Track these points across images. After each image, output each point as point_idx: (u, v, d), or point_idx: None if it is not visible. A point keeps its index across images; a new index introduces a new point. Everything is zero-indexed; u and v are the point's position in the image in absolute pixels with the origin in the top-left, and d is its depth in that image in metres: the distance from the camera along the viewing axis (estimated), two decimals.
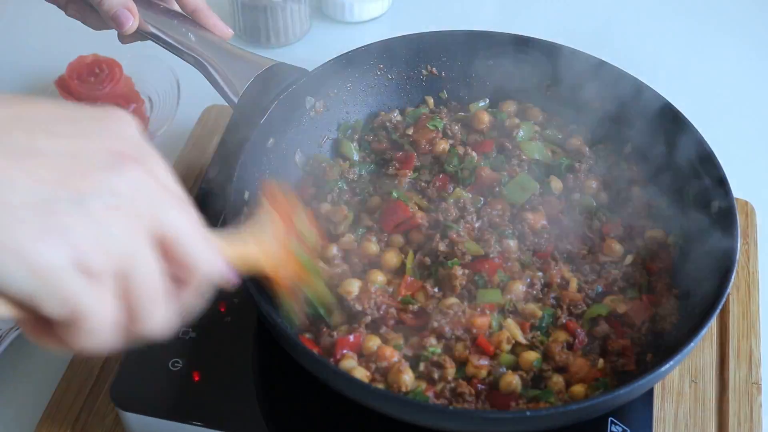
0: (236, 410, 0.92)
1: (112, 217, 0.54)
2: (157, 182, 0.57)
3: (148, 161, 0.57)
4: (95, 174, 0.54)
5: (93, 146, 0.55)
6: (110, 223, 0.54)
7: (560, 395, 0.88)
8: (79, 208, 0.53)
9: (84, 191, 0.53)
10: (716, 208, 0.96)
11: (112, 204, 0.54)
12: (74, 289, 0.53)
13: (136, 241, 0.55)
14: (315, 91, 1.09)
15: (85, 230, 0.53)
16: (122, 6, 1.00)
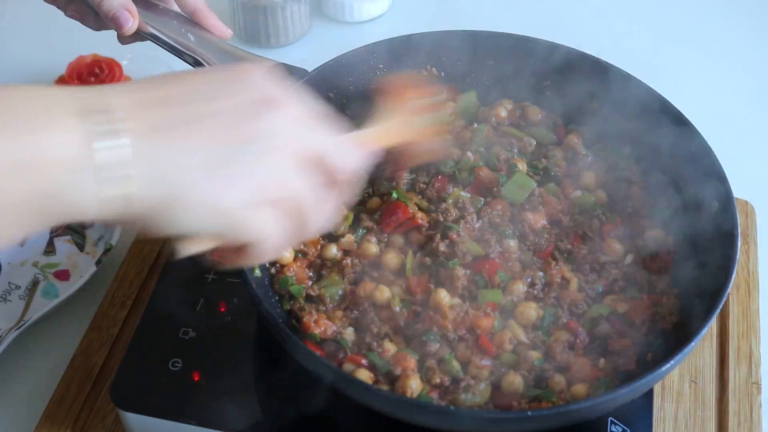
0: (236, 410, 0.92)
1: (272, 153, 0.63)
2: (296, 113, 0.66)
3: (284, 99, 0.66)
4: (248, 124, 0.63)
5: (239, 101, 0.64)
6: (272, 159, 0.63)
7: (562, 395, 0.88)
8: (244, 155, 0.62)
9: (244, 140, 0.63)
10: (716, 208, 0.96)
11: (269, 143, 0.63)
12: (257, 219, 0.64)
13: (295, 167, 0.65)
14: (315, 91, 1.08)
15: (255, 170, 0.63)
16: (122, 7, 1.00)
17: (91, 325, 1.06)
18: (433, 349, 0.90)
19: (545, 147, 1.10)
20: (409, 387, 0.86)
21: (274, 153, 0.64)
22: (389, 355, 0.89)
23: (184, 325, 0.98)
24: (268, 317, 0.84)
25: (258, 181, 0.63)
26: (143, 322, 0.99)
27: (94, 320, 1.06)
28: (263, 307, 0.85)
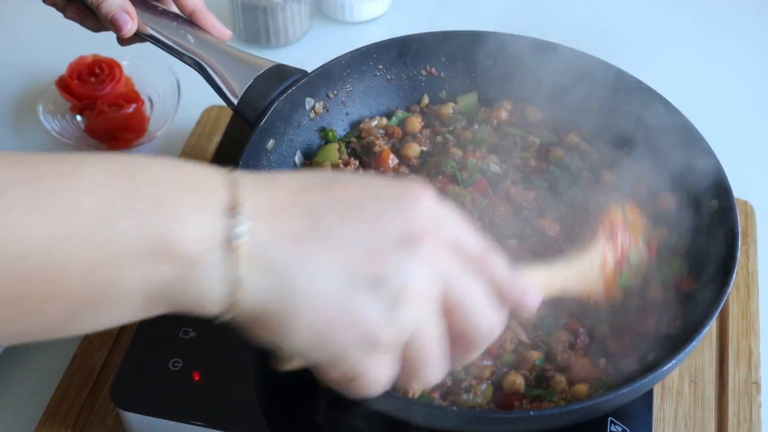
0: (236, 410, 0.92)
1: (402, 298, 0.56)
2: (450, 252, 0.59)
3: (442, 232, 0.59)
4: (389, 257, 0.57)
5: (389, 228, 0.57)
6: (401, 305, 0.56)
7: (563, 395, 0.88)
8: (371, 292, 0.56)
9: (375, 275, 0.56)
10: (716, 208, 0.96)
11: (403, 286, 0.56)
12: (358, 362, 0.58)
13: (424, 315, 0.58)
14: (314, 92, 1.09)
15: (376, 313, 0.56)
16: (120, 9, 1.00)
17: None
18: None
19: (546, 147, 1.10)
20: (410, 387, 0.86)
21: (406, 296, 0.57)
22: None
23: (184, 325, 0.98)
24: None
25: (377, 323, 0.56)
26: (143, 322, 0.99)
27: None
28: None
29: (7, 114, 1.35)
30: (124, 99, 1.28)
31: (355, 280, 0.56)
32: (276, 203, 0.57)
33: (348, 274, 0.56)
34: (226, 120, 1.24)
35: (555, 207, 1.03)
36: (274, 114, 1.02)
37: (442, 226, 0.60)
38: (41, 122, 1.28)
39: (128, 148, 1.28)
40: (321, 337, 0.56)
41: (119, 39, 1.04)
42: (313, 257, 0.55)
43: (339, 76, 1.11)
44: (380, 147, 1.09)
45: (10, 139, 1.31)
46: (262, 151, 1.02)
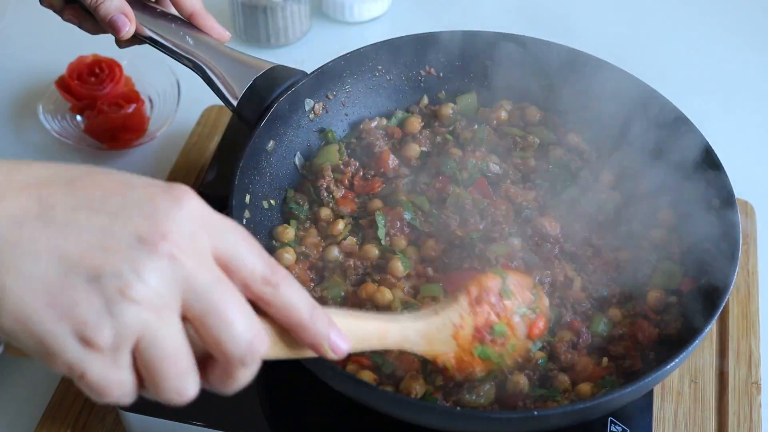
0: (237, 410, 0.92)
1: (124, 298, 0.54)
2: (202, 261, 0.56)
3: (195, 239, 0.56)
4: (120, 253, 0.54)
5: (130, 226, 0.55)
6: (121, 305, 0.54)
7: (566, 394, 0.88)
8: (91, 285, 0.54)
9: (102, 269, 0.54)
10: (717, 209, 0.96)
11: (126, 285, 0.54)
12: (74, 357, 0.54)
13: (154, 321, 0.55)
14: (314, 93, 1.09)
15: (92, 309, 0.53)
16: (118, 11, 0.99)
17: None
18: None
19: (546, 147, 1.10)
20: (413, 388, 0.86)
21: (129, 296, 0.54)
22: (393, 356, 0.89)
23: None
24: None
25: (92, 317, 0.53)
26: None
27: None
28: None
29: (7, 114, 1.35)
30: (124, 99, 1.28)
31: (74, 271, 0.54)
32: (5, 187, 0.55)
33: (68, 264, 0.54)
34: (226, 120, 1.24)
35: (555, 206, 1.03)
36: (274, 115, 1.02)
37: (202, 235, 0.57)
38: (41, 122, 1.28)
39: (128, 148, 1.28)
40: (28, 321, 0.54)
41: (117, 41, 1.04)
42: (30, 240, 0.54)
43: (338, 76, 1.11)
44: (380, 148, 1.09)
45: (10, 139, 1.32)
46: (262, 153, 1.02)
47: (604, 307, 0.96)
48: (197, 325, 0.57)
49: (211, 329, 0.57)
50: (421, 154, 1.10)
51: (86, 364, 0.54)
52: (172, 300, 0.55)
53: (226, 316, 0.56)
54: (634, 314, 0.95)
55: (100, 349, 0.54)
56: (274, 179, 1.04)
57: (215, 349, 0.57)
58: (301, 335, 0.62)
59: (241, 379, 0.59)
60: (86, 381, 0.55)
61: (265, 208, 1.02)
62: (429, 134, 1.12)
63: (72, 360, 0.54)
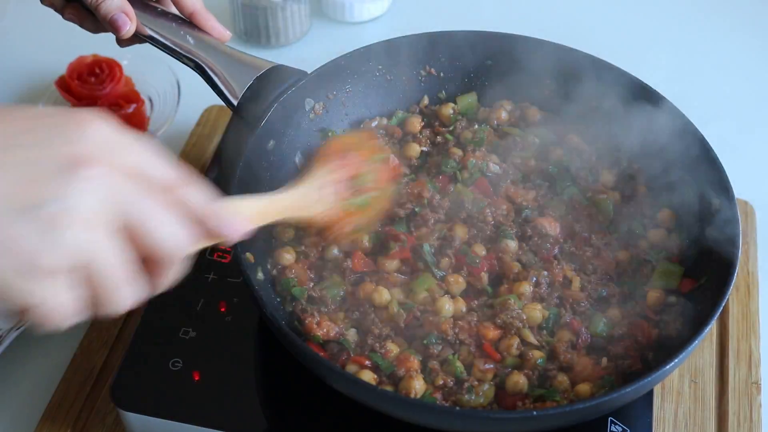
0: (236, 410, 0.92)
1: (60, 222, 0.56)
2: (124, 176, 0.59)
3: (115, 158, 0.59)
4: (46, 182, 0.56)
5: (49, 154, 0.57)
6: (59, 229, 0.56)
7: (566, 394, 0.88)
8: (26, 217, 0.55)
9: (32, 200, 0.56)
10: (717, 209, 0.96)
11: (62, 211, 0.56)
12: (23, 289, 0.56)
13: (94, 239, 0.57)
14: (314, 93, 1.09)
15: (33, 239, 0.55)
16: (119, 10, 0.99)
17: (91, 325, 1.06)
18: (435, 351, 0.90)
19: (546, 147, 1.10)
20: (412, 388, 0.86)
21: (65, 219, 0.56)
22: (392, 356, 0.89)
23: (184, 325, 0.98)
24: (272, 320, 0.84)
25: (32, 247, 0.56)
26: (143, 322, 0.99)
27: (94, 320, 1.06)
28: (267, 311, 0.85)
29: None
30: (124, 99, 1.28)
31: (9, 207, 0.55)
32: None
33: (2, 202, 0.55)
34: (226, 119, 1.24)
35: (555, 206, 1.03)
36: (274, 115, 1.02)
37: (116, 152, 0.59)
38: None
39: None
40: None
41: (118, 40, 1.04)
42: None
43: (338, 76, 1.11)
44: None
45: None
46: (263, 152, 1.02)
47: (604, 307, 0.96)
48: (130, 235, 0.60)
49: (142, 237, 0.60)
50: (421, 153, 1.10)
51: (33, 294, 0.57)
52: (104, 217, 0.58)
53: (154, 223, 0.60)
54: (634, 314, 0.95)
55: (44, 276, 0.56)
56: (274, 179, 1.04)
57: (150, 253, 0.61)
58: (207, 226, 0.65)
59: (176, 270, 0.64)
60: (35, 309, 0.57)
61: None
62: (429, 134, 1.12)
63: (19, 292, 0.56)
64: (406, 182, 1.06)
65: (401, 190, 1.04)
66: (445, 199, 1.03)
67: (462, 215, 1.02)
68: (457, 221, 1.01)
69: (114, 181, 0.58)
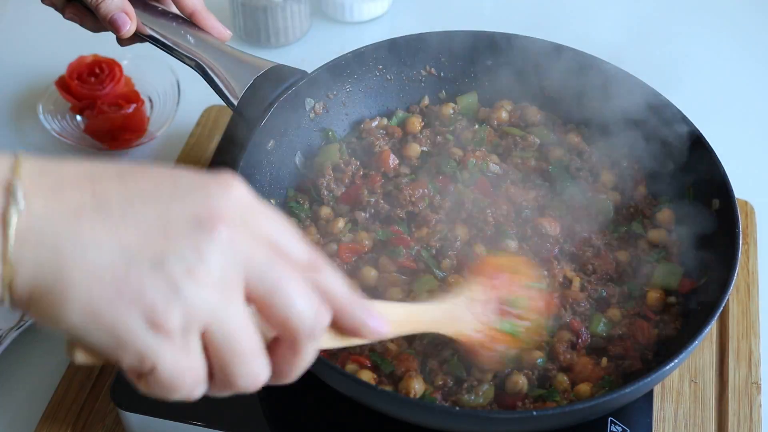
0: (237, 410, 0.92)
1: (189, 279, 0.54)
2: (258, 243, 0.57)
3: (251, 224, 0.57)
4: (180, 237, 0.55)
5: (185, 210, 0.55)
6: (187, 287, 0.54)
7: (566, 394, 0.88)
8: (156, 270, 0.54)
9: (164, 254, 0.54)
10: (717, 209, 0.96)
11: (190, 268, 0.54)
12: (145, 344, 0.54)
13: (220, 302, 0.55)
14: (314, 92, 1.09)
15: (159, 293, 0.54)
16: (119, 9, 1.00)
17: None
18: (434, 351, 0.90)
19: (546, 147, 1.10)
20: (412, 387, 0.86)
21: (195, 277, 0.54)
22: (392, 356, 0.89)
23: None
24: None
25: (161, 302, 0.53)
26: None
27: None
28: None
29: (7, 114, 1.35)
30: (124, 99, 1.28)
31: (137, 258, 0.54)
32: (59, 181, 0.55)
33: (130, 251, 0.54)
34: (226, 119, 1.24)
35: (555, 207, 1.03)
36: (275, 115, 1.02)
37: (253, 218, 0.57)
38: (41, 122, 1.28)
39: (128, 148, 1.28)
40: (98, 312, 0.53)
41: (119, 39, 1.05)
42: (90, 231, 0.53)
43: (339, 76, 1.11)
44: (380, 147, 1.09)
45: (10, 139, 1.31)
46: (263, 152, 1.02)
47: (604, 307, 0.96)
48: (262, 305, 0.57)
49: (276, 307, 0.57)
50: (422, 153, 1.10)
51: (157, 351, 0.54)
52: (236, 280, 0.56)
53: (290, 293, 0.57)
54: (634, 314, 0.95)
55: (170, 333, 0.54)
56: (274, 178, 1.04)
57: (282, 328, 0.58)
58: (344, 319, 0.62)
59: (308, 356, 0.60)
60: (158, 370, 0.54)
61: None
62: (429, 134, 1.12)
63: (144, 347, 0.54)
64: (406, 182, 1.06)
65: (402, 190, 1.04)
66: (446, 199, 1.03)
67: (462, 215, 1.02)
68: (458, 221, 1.01)
69: (249, 245, 0.56)
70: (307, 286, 0.58)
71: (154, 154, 1.29)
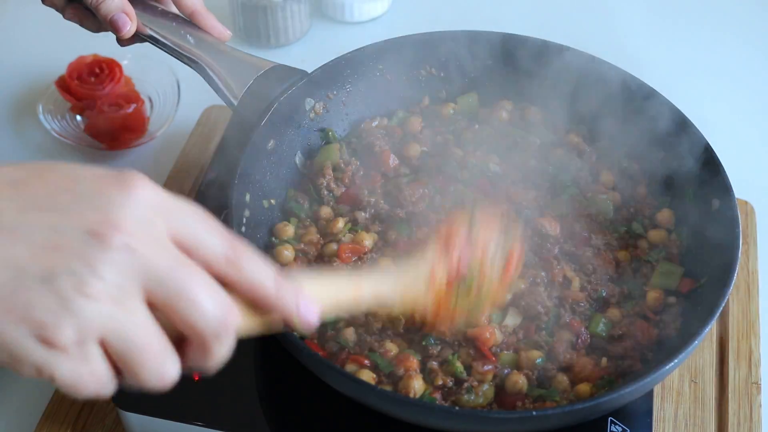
0: (237, 410, 0.92)
1: (81, 294, 0.53)
2: (155, 246, 0.56)
3: (148, 225, 0.56)
4: (72, 250, 0.54)
5: (80, 221, 0.54)
6: (78, 301, 0.53)
7: (565, 394, 0.88)
8: (45, 286, 0.53)
9: (55, 269, 0.53)
10: (717, 209, 0.96)
11: (82, 282, 0.53)
12: (39, 359, 0.54)
13: (117, 312, 0.54)
14: (314, 92, 1.09)
15: (49, 309, 0.53)
16: (120, 10, 1.00)
17: None
18: (434, 351, 0.90)
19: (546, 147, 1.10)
20: (411, 387, 0.86)
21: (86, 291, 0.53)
22: (392, 356, 0.89)
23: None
24: None
25: (50, 317, 0.53)
26: None
27: None
28: None
29: (7, 114, 1.35)
30: (124, 99, 1.28)
31: (26, 274, 0.53)
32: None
33: (20, 267, 0.53)
34: (227, 119, 1.24)
35: (555, 207, 1.03)
36: (275, 114, 1.02)
37: (157, 221, 0.56)
38: (41, 122, 1.28)
39: (128, 148, 1.28)
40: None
41: (119, 40, 1.05)
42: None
43: (339, 76, 1.11)
44: (380, 147, 1.09)
45: (10, 139, 1.32)
46: (263, 152, 1.02)
47: (604, 307, 0.96)
48: (166, 310, 0.56)
49: (179, 312, 0.56)
50: (422, 153, 1.10)
51: (53, 365, 0.54)
52: (132, 289, 0.55)
53: (193, 297, 0.56)
54: (634, 315, 0.95)
55: (63, 348, 0.54)
56: (274, 178, 1.04)
57: (188, 331, 0.57)
58: (269, 309, 0.62)
59: (219, 354, 0.59)
60: (58, 379, 0.54)
61: (266, 207, 1.02)
62: (430, 134, 1.12)
63: (38, 362, 0.54)
64: (406, 182, 1.06)
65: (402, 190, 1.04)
66: (446, 199, 1.03)
67: None
68: None
69: (149, 251, 0.55)
70: (213, 289, 0.58)
71: (154, 154, 1.29)
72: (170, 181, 1.21)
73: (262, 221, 1.01)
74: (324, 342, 0.92)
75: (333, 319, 0.92)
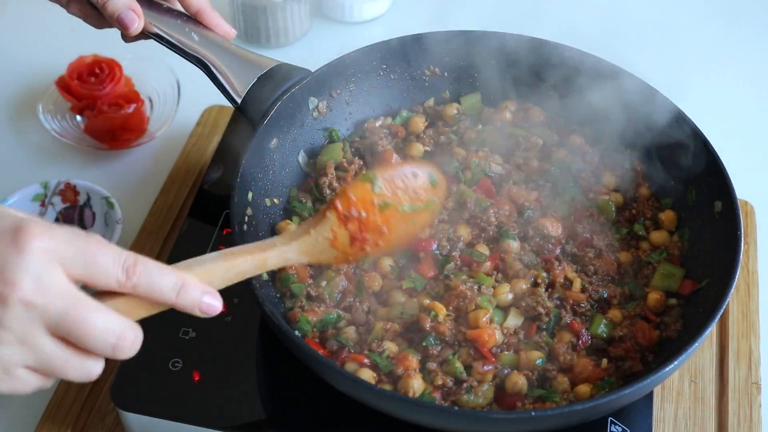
0: (237, 410, 0.92)
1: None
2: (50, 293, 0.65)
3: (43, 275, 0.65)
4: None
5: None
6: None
7: (565, 395, 0.88)
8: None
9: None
10: (718, 210, 0.96)
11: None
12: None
13: (25, 350, 0.66)
14: (318, 91, 1.09)
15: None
16: (127, 8, 0.99)
17: None
18: (434, 351, 0.90)
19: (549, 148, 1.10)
20: (411, 387, 0.86)
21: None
22: (391, 355, 0.89)
23: (184, 325, 0.98)
24: (271, 317, 0.84)
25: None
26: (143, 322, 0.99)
27: None
28: (267, 308, 0.85)
29: (7, 114, 1.35)
30: (124, 99, 1.28)
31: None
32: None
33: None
34: (227, 119, 1.24)
35: (557, 207, 1.03)
36: (278, 113, 1.02)
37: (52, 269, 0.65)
38: (41, 122, 1.28)
39: (128, 148, 1.28)
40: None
41: (124, 36, 1.04)
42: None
43: (342, 75, 1.11)
44: (383, 147, 1.09)
45: (10, 139, 1.31)
46: (266, 150, 1.02)
47: (605, 308, 0.96)
48: (69, 339, 0.67)
49: (78, 340, 0.67)
50: (425, 153, 1.10)
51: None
52: (37, 330, 0.66)
53: (86, 329, 0.67)
54: (635, 316, 0.95)
55: None
56: (277, 177, 1.04)
57: (91, 350, 0.68)
58: (176, 307, 0.72)
59: (126, 354, 0.69)
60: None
61: (268, 206, 1.02)
62: (432, 134, 1.12)
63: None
64: None
65: None
66: (448, 199, 1.03)
67: (465, 216, 1.02)
68: (460, 222, 1.01)
69: (45, 299, 0.65)
70: (106, 316, 0.68)
71: (154, 154, 1.29)
72: (170, 181, 1.21)
73: (264, 220, 1.01)
74: (324, 341, 0.92)
75: (333, 318, 0.92)
